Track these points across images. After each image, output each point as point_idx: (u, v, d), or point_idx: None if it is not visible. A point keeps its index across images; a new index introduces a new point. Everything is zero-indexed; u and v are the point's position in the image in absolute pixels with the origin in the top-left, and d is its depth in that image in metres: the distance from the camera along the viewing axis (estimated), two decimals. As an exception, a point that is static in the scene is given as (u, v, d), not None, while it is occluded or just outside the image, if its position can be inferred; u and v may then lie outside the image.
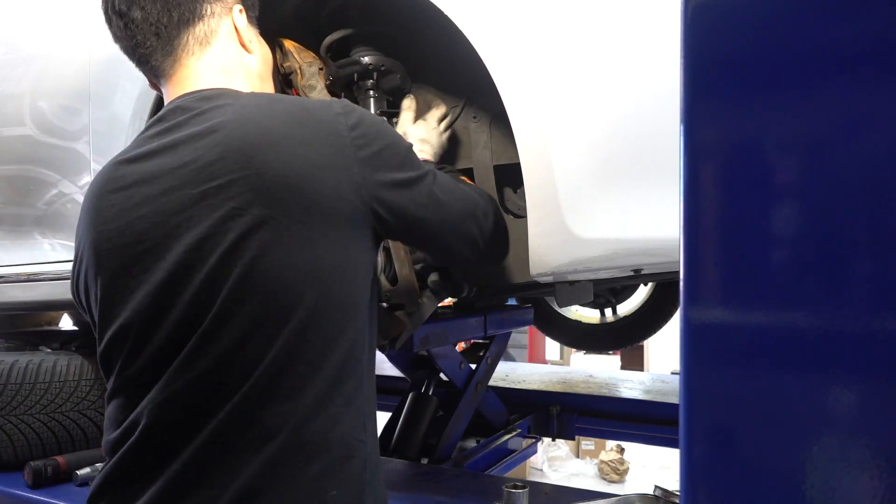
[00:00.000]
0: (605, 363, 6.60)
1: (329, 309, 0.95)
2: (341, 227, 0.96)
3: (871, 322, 0.60)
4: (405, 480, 1.80)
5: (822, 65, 0.63)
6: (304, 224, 0.93)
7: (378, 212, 1.01)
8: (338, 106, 1.02)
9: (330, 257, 0.95)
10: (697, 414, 0.68)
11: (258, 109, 0.98)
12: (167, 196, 0.95)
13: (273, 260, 0.91)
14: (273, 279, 0.91)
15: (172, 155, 0.98)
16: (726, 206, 0.67)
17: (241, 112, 0.98)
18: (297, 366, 0.92)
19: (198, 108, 1.01)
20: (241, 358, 0.91)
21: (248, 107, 0.99)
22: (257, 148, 0.93)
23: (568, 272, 1.33)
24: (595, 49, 1.29)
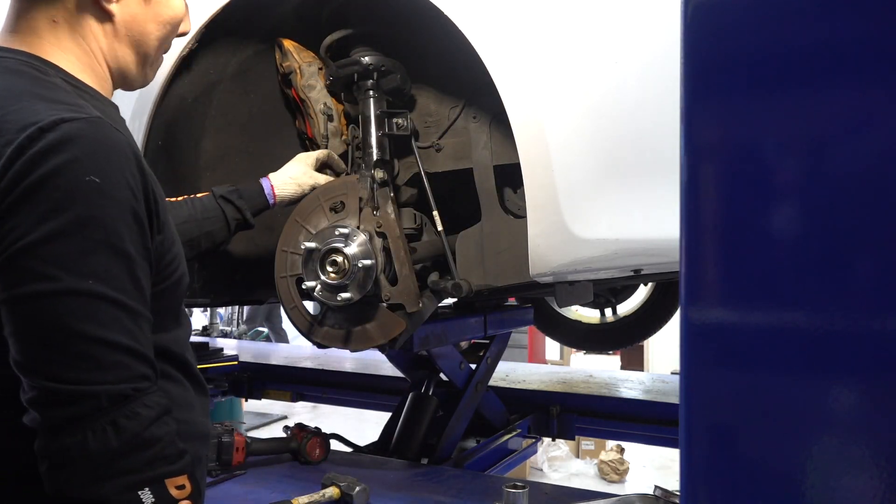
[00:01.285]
0: (605, 363, 6.59)
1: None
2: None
3: (871, 322, 0.60)
4: (405, 480, 1.80)
5: (822, 65, 0.63)
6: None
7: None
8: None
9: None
10: (697, 414, 0.68)
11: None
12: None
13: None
14: None
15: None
16: (726, 206, 0.67)
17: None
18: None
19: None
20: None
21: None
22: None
23: (568, 272, 1.33)
24: (595, 49, 1.29)
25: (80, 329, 0.79)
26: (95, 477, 0.79)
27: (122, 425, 0.80)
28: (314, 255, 1.45)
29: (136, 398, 0.82)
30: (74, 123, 0.83)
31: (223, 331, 8.98)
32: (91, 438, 0.78)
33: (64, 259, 0.79)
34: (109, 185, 0.83)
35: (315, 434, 1.93)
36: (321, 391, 3.45)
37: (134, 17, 1.01)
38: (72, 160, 0.80)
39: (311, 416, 6.45)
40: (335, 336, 1.52)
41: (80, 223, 0.80)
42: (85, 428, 0.78)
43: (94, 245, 0.81)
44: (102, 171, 0.82)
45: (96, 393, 0.79)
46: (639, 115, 1.29)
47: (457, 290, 1.48)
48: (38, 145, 0.80)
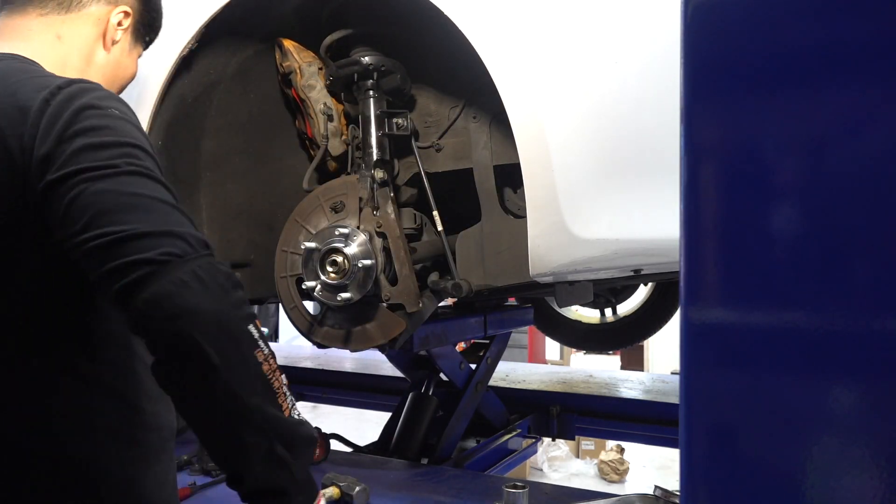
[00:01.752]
0: (605, 363, 6.59)
1: None
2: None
3: (871, 322, 0.60)
4: (405, 480, 1.80)
5: (822, 65, 0.63)
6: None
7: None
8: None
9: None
10: (697, 414, 0.68)
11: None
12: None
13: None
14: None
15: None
16: (726, 206, 0.67)
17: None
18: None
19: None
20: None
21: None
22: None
23: (568, 272, 1.33)
24: (595, 49, 1.29)
25: (155, 195, 0.86)
26: (216, 298, 0.81)
27: (218, 266, 0.84)
28: (314, 255, 1.45)
29: (213, 254, 0.87)
30: (84, 83, 0.93)
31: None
32: (200, 271, 0.81)
33: (116, 157, 0.86)
34: (128, 116, 0.93)
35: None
36: (321, 391, 3.45)
37: (118, 62, 1.16)
38: (93, 100, 0.90)
39: (311, 416, 6.45)
40: (335, 336, 1.52)
41: (117, 134, 0.89)
42: (191, 263, 0.81)
43: (131, 151, 0.88)
44: (120, 108, 0.93)
45: (187, 237, 0.83)
46: (639, 115, 1.29)
47: (457, 290, 1.48)
48: (62, 94, 0.89)
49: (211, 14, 1.54)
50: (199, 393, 0.82)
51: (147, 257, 0.80)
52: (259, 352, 0.84)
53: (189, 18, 1.56)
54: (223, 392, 0.80)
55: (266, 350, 0.86)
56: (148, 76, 1.55)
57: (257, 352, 0.84)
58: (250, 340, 0.84)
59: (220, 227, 1.76)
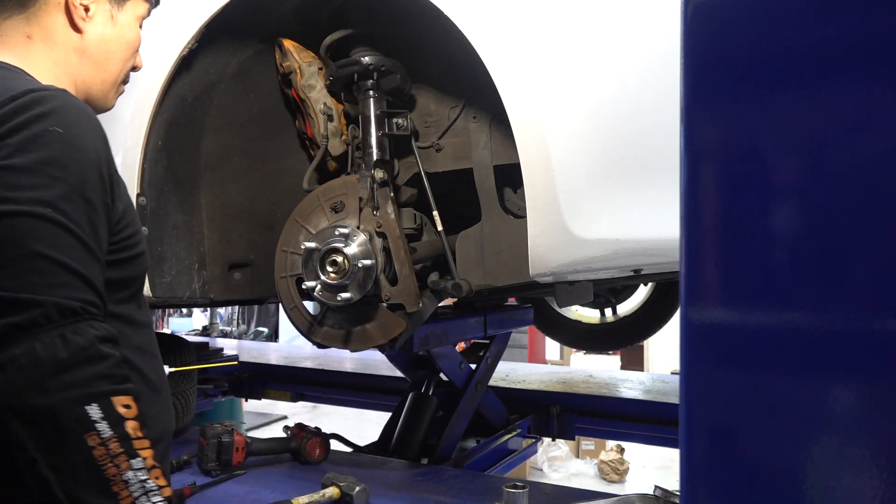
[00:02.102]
0: (605, 363, 6.59)
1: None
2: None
3: (871, 322, 0.60)
4: (405, 480, 1.80)
5: (822, 65, 0.63)
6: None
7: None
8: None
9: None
10: (697, 414, 0.68)
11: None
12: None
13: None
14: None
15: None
16: (726, 206, 0.67)
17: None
18: None
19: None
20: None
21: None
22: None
23: (568, 272, 1.33)
24: (595, 49, 1.29)
25: (34, 247, 0.82)
26: (42, 388, 0.78)
27: (70, 339, 0.80)
28: (314, 255, 1.45)
29: (84, 318, 0.83)
30: (43, 92, 0.89)
31: (223, 331, 9.01)
32: (39, 347, 0.79)
33: (25, 188, 0.82)
34: (74, 136, 0.88)
35: (315, 434, 1.93)
36: (321, 391, 3.45)
37: (101, 37, 1.09)
38: (39, 114, 0.86)
39: (311, 416, 6.46)
40: (335, 336, 1.52)
41: (43, 162, 0.84)
42: (34, 337, 0.79)
43: (55, 181, 0.84)
44: (67, 125, 0.87)
45: (45, 303, 0.80)
46: (639, 115, 1.29)
47: (457, 290, 1.48)
48: (8, 107, 0.85)
49: (211, 14, 1.54)
50: (26, 476, 0.80)
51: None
52: (92, 436, 0.79)
53: (189, 18, 1.56)
54: (40, 483, 0.79)
55: (107, 433, 0.80)
56: (148, 76, 1.55)
57: (89, 436, 0.79)
58: (81, 425, 0.79)
59: (220, 227, 1.76)
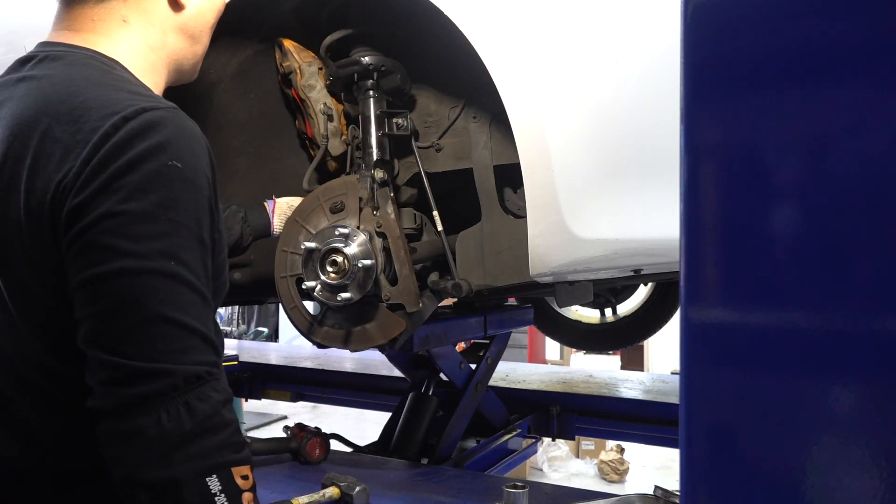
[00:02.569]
0: (605, 363, 6.60)
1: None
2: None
3: (871, 322, 0.60)
4: (405, 480, 1.80)
5: (822, 65, 0.63)
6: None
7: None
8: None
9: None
10: (697, 414, 0.68)
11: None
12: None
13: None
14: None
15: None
16: (726, 206, 0.67)
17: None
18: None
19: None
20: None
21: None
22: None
23: (568, 272, 1.33)
24: (595, 49, 1.29)
25: (160, 309, 0.79)
26: (167, 459, 0.77)
27: (195, 407, 0.79)
28: (314, 255, 1.45)
29: (208, 381, 0.81)
30: (156, 112, 0.84)
31: (223, 331, 9.00)
32: (165, 418, 0.77)
33: (148, 239, 0.80)
34: (191, 171, 0.84)
35: (315, 434, 1.93)
36: (321, 391, 3.45)
37: (199, 10, 1.04)
38: (156, 146, 0.81)
39: (311, 416, 6.46)
40: (335, 336, 1.52)
41: (163, 205, 0.81)
42: (159, 407, 0.77)
43: (176, 227, 0.82)
44: (184, 158, 0.83)
45: (173, 372, 0.78)
46: (639, 115, 1.29)
47: (457, 290, 1.48)
48: (122, 132, 0.81)
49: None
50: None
51: (117, 395, 0.78)
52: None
53: (189, 18, 1.56)
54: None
55: (221, 500, 0.80)
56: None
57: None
58: (202, 497, 0.78)
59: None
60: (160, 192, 0.81)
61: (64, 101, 0.85)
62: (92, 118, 0.82)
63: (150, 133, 0.82)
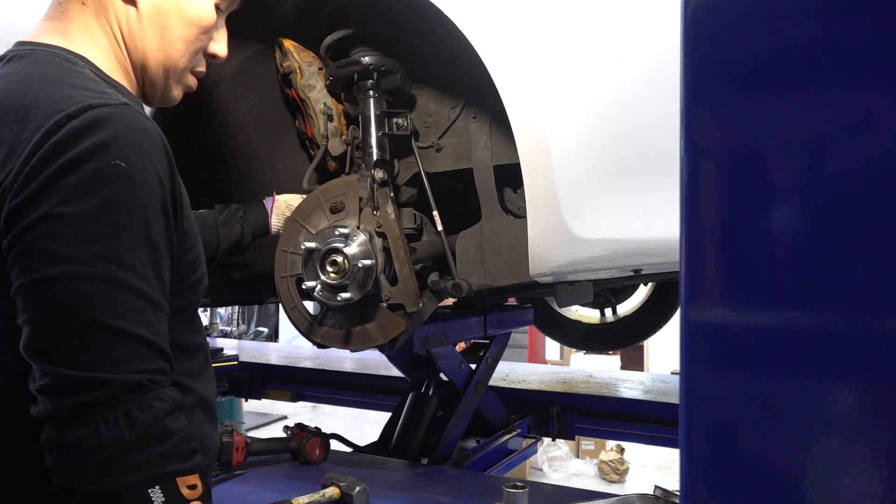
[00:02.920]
0: (605, 363, 6.60)
1: None
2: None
3: (871, 322, 0.60)
4: (405, 480, 1.80)
5: (822, 65, 0.63)
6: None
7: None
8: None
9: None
10: (697, 414, 0.68)
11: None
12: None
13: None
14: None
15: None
16: (726, 206, 0.67)
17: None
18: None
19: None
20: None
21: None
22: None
23: (568, 272, 1.33)
24: (595, 49, 1.29)
25: (98, 316, 0.77)
26: (106, 471, 0.76)
27: (135, 417, 0.77)
28: (314, 255, 1.45)
29: (151, 390, 0.79)
30: (102, 109, 0.80)
31: (223, 331, 9.00)
32: (103, 429, 0.76)
33: (86, 242, 0.76)
34: (137, 170, 0.80)
35: (315, 434, 1.94)
36: (321, 391, 3.45)
37: (158, 8, 0.98)
38: (98, 144, 0.78)
39: (311, 416, 6.46)
40: (335, 336, 1.52)
41: (104, 206, 0.78)
42: (97, 417, 0.76)
43: (118, 230, 0.78)
44: (129, 157, 0.80)
45: (111, 381, 0.76)
46: (639, 115, 1.29)
47: (457, 290, 1.48)
48: (64, 131, 0.78)
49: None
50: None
51: (54, 405, 0.76)
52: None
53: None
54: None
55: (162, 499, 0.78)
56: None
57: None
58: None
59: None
60: (101, 192, 0.78)
61: (15, 99, 0.83)
62: (38, 116, 0.80)
63: (94, 131, 0.79)
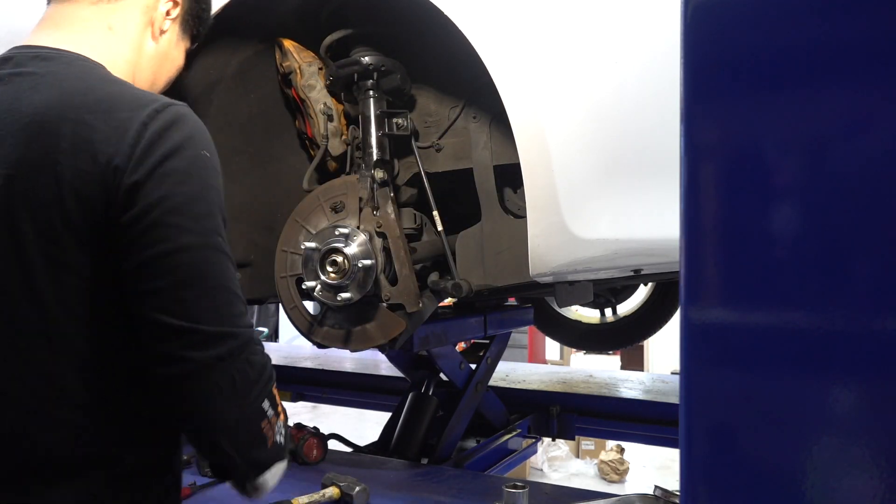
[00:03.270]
0: (605, 363, 6.60)
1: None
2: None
3: (871, 322, 0.60)
4: (405, 480, 1.80)
5: (822, 65, 0.63)
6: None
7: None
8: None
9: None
10: (697, 414, 0.68)
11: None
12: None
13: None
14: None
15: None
16: (726, 206, 0.67)
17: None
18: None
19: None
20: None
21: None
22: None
23: (568, 272, 1.33)
24: (595, 49, 1.29)
25: (221, 280, 0.90)
26: (240, 405, 0.90)
27: (253, 361, 0.92)
28: (314, 255, 1.45)
29: (256, 340, 0.94)
30: (178, 107, 0.94)
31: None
32: (236, 374, 0.89)
33: (201, 218, 0.89)
34: (215, 160, 0.96)
35: (313, 435, 1.93)
36: (321, 391, 3.45)
37: (165, 53, 1.14)
38: (187, 136, 0.92)
39: (311, 416, 6.46)
40: (335, 336, 1.52)
41: (204, 188, 0.91)
42: (230, 366, 0.88)
43: (215, 209, 0.92)
44: (209, 148, 0.95)
45: (237, 334, 0.90)
46: (639, 115, 1.29)
47: (457, 290, 1.48)
48: (158, 122, 0.89)
49: (211, 14, 1.54)
50: (201, 444, 0.95)
51: (195, 359, 0.87)
52: (265, 421, 0.94)
53: (189, 18, 1.56)
54: (218, 452, 0.93)
55: (271, 413, 0.95)
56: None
57: (263, 422, 0.94)
58: (261, 417, 0.93)
59: (220, 227, 1.76)
60: (201, 177, 0.91)
61: (85, 94, 0.91)
62: (123, 108, 0.89)
63: (180, 125, 0.91)
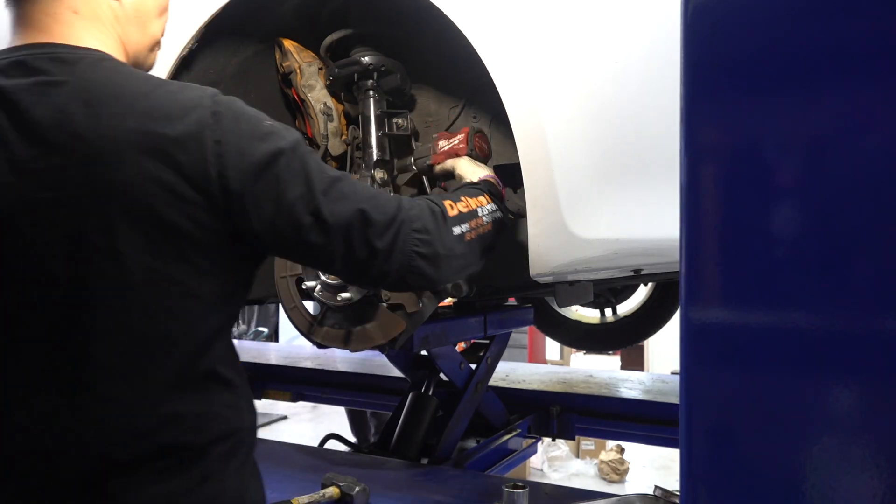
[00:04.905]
0: (605, 363, 6.61)
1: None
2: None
3: (871, 322, 0.60)
4: (405, 480, 1.80)
5: (822, 65, 0.63)
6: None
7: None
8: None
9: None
10: (697, 414, 0.68)
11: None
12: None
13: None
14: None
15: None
16: (726, 206, 0.67)
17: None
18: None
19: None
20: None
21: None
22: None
23: (568, 272, 1.33)
24: (595, 49, 1.29)
25: (368, 190, 1.05)
26: (442, 240, 1.10)
27: (412, 216, 1.06)
28: (314, 255, 1.44)
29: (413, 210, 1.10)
30: (216, 96, 0.96)
31: (223, 331, 8.98)
32: (425, 248, 1.07)
33: (329, 176, 1.00)
34: (263, 126, 1.00)
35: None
36: (321, 391, 3.45)
37: (138, 6, 1.06)
38: (255, 115, 0.98)
39: (312, 416, 6.47)
40: (335, 336, 1.52)
41: (286, 167, 0.97)
42: (418, 244, 1.05)
43: (304, 169, 0.99)
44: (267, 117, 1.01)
45: (401, 218, 1.05)
46: (639, 115, 1.29)
47: (457, 290, 1.48)
48: (225, 118, 0.93)
49: (211, 14, 1.54)
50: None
51: (402, 255, 1.04)
52: (469, 234, 1.17)
53: (189, 18, 1.56)
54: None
55: (465, 227, 1.16)
56: (148, 76, 1.55)
57: (468, 235, 1.16)
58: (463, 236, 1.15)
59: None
60: (298, 155, 0.99)
61: (135, 97, 0.91)
62: (185, 108, 0.91)
63: (239, 110, 0.96)
